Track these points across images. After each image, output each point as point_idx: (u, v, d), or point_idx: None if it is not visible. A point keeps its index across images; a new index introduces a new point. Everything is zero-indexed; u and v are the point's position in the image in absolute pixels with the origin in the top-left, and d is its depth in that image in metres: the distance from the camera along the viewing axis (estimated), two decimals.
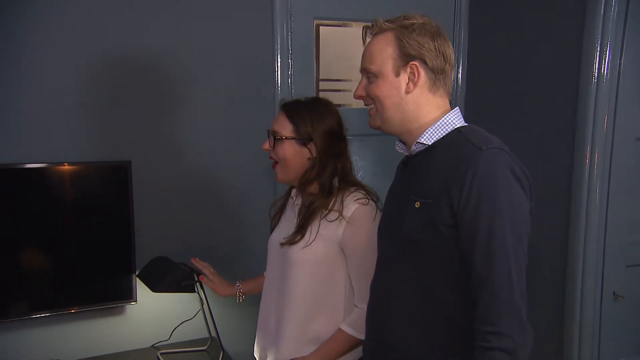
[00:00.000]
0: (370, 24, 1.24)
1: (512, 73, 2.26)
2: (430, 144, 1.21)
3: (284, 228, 1.56)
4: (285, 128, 1.49)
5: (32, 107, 1.83)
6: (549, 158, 2.08)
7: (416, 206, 1.18)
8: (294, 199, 1.59)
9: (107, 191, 1.89)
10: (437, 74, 1.21)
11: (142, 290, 1.91)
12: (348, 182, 1.53)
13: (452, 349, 1.19)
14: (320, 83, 2.31)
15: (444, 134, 1.20)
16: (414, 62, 1.18)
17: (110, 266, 1.92)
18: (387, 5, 2.19)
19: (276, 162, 1.51)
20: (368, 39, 1.25)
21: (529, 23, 2.17)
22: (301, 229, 1.49)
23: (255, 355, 1.65)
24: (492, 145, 1.12)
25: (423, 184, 1.19)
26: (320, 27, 2.26)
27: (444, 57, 1.20)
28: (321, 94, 2.30)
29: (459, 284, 1.15)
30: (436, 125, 1.20)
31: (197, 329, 2.08)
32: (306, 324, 1.51)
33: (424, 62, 1.19)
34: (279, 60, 2.17)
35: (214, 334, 1.98)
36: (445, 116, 1.21)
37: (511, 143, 1.21)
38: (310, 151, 1.49)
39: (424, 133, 1.21)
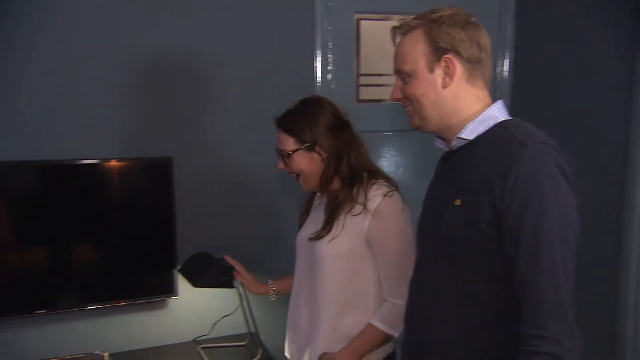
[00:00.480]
0: (398, 24, 1.22)
1: (562, 66, 2.19)
2: (471, 139, 1.18)
3: (310, 226, 1.58)
4: (288, 142, 1.51)
5: (78, 104, 1.90)
6: (600, 154, 2.02)
7: (456, 204, 1.16)
8: (320, 198, 1.61)
9: (150, 187, 1.94)
10: (473, 64, 1.18)
11: (183, 284, 1.94)
12: (368, 171, 1.53)
13: (492, 353, 1.17)
14: (361, 78, 2.29)
15: (486, 129, 1.17)
16: (447, 55, 1.16)
17: (153, 261, 1.97)
18: None
19: (298, 175, 1.54)
20: (398, 39, 1.23)
21: (580, 13, 2.10)
22: (328, 224, 1.49)
23: (286, 354, 1.66)
24: (538, 140, 1.08)
25: (464, 181, 1.17)
26: (361, 21, 2.24)
27: (478, 45, 1.17)
28: (361, 89, 2.29)
29: (499, 285, 1.13)
30: (478, 120, 1.18)
31: (236, 324, 2.11)
32: (338, 319, 1.52)
33: (458, 53, 1.16)
34: (319, 55, 2.17)
35: (253, 329, 1.99)
36: (487, 110, 1.18)
37: (560, 138, 1.17)
38: (319, 153, 1.50)
39: (465, 128, 1.18)
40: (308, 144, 1.49)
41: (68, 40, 1.86)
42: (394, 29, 1.22)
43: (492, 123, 1.17)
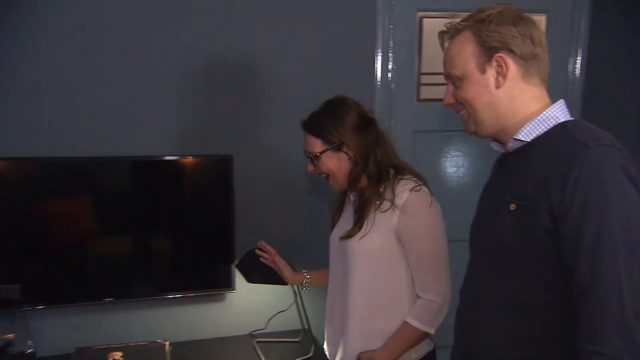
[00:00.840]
0: (445, 29, 1.21)
1: (638, 64, 2.08)
2: (528, 140, 1.14)
3: (342, 225, 1.60)
4: (315, 144, 1.53)
5: (147, 105, 1.99)
6: None
7: (511, 208, 1.13)
8: (351, 197, 1.63)
9: (212, 183, 2.01)
10: (528, 60, 1.14)
11: (241, 279, 1.99)
12: (395, 167, 1.55)
13: None
14: (422, 77, 2.27)
15: (545, 130, 1.13)
16: (499, 54, 1.13)
17: (212, 255, 2.04)
18: None
19: (327, 175, 1.57)
20: (446, 44, 1.22)
21: None
22: (358, 222, 1.52)
23: (325, 350, 1.70)
24: (602, 142, 1.03)
25: (520, 185, 1.13)
26: (424, 19, 2.20)
27: (531, 40, 1.13)
28: (422, 88, 2.27)
29: (555, 296, 1.09)
30: (536, 120, 1.13)
31: (291, 321, 2.15)
32: (370, 317, 1.54)
33: (510, 51, 1.13)
34: (380, 54, 2.16)
35: (306, 326, 2.02)
36: (546, 110, 1.13)
37: (633, 141, 1.10)
38: (347, 153, 1.52)
39: (522, 128, 1.14)
40: (335, 144, 1.51)
41: (139, 46, 1.96)
42: (442, 33, 1.20)
43: (552, 124, 1.13)
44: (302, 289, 1.81)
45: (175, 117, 2.02)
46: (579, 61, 2.32)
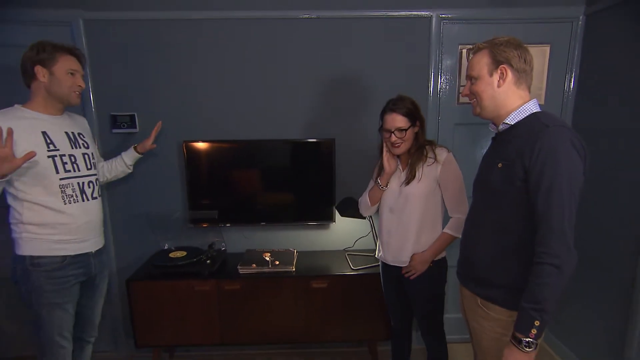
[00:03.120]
0: (471, 47, 1.52)
1: (620, 82, 2.35)
2: (512, 123, 1.41)
3: (394, 183, 2.04)
4: (403, 121, 1.89)
5: (279, 103, 2.67)
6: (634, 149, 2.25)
7: (498, 166, 1.39)
8: (399, 164, 2.03)
9: (320, 157, 2.66)
10: (520, 73, 1.41)
11: (338, 215, 2.72)
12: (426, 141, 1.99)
13: (517, 266, 1.40)
14: (461, 88, 2.85)
15: (523, 117, 1.40)
16: (503, 65, 1.40)
17: (321, 200, 2.74)
18: (513, 33, 2.63)
19: (400, 144, 1.94)
20: (471, 56, 1.51)
21: (633, 43, 2.24)
22: (412, 172, 1.95)
23: (377, 256, 2.21)
24: (557, 123, 1.27)
25: (505, 151, 1.40)
26: (463, 50, 2.79)
27: (525, 61, 1.41)
28: (460, 97, 2.87)
29: (525, 221, 1.35)
30: (518, 111, 1.41)
31: (369, 243, 2.91)
32: (420, 233, 2.01)
33: (510, 65, 1.40)
34: (432, 73, 2.75)
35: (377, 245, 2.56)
36: (525, 104, 1.41)
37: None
38: (416, 127, 1.93)
39: (509, 116, 1.42)
40: (414, 121, 1.92)
41: (283, 66, 2.65)
42: (468, 50, 1.57)
43: (527, 113, 1.40)
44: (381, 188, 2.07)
45: (301, 113, 2.66)
46: (573, 76, 2.72)
